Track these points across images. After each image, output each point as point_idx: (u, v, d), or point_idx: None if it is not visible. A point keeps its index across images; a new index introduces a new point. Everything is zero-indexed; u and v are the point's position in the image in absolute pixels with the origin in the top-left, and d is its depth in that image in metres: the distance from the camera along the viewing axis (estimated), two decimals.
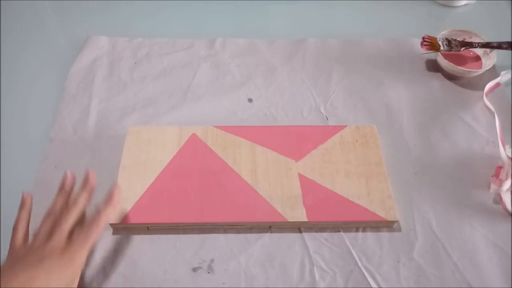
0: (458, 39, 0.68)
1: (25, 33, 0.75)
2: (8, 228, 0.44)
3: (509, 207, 0.53)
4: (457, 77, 0.66)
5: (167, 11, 0.79)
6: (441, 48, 0.66)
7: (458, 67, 0.64)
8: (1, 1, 0.78)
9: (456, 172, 0.56)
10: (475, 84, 0.66)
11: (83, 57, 0.69)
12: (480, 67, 0.67)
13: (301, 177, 0.53)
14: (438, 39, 0.67)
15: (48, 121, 0.61)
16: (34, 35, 0.75)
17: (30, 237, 0.43)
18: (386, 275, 0.48)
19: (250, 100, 0.64)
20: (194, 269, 0.48)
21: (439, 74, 0.68)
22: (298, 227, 0.51)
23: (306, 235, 0.51)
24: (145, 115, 0.62)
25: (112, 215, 0.46)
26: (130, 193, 0.51)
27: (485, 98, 0.63)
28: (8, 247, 0.43)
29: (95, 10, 0.78)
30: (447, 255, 0.49)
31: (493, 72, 0.66)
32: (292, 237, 0.51)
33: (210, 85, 0.66)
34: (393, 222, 0.51)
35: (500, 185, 0.53)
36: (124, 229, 0.50)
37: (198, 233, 0.51)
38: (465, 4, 0.80)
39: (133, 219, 0.50)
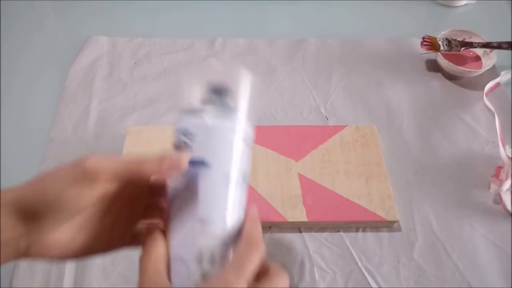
0: (458, 39, 0.68)
1: (25, 33, 0.75)
2: None
3: (509, 207, 0.53)
4: (457, 77, 0.66)
5: (167, 11, 0.79)
6: (441, 48, 0.66)
7: (458, 67, 0.64)
8: (1, 1, 0.78)
9: (456, 172, 0.56)
10: (475, 84, 0.66)
11: (83, 57, 0.69)
12: (480, 67, 0.67)
13: (301, 177, 0.53)
14: (438, 39, 0.67)
15: (48, 121, 0.61)
16: (34, 35, 0.75)
17: None
18: (386, 275, 0.48)
19: None
20: None
21: (439, 74, 0.68)
22: (298, 227, 0.51)
23: (306, 235, 0.51)
24: (145, 115, 0.62)
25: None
26: None
27: (485, 98, 0.63)
28: None
29: (95, 10, 0.78)
30: (447, 255, 0.49)
31: (493, 72, 0.66)
32: (292, 237, 0.51)
33: None
34: (393, 222, 0.51)
35: (500, 185, 0.53)
36: None
37: None
38: (465, 4, 0.80)
39: None
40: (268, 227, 0.51)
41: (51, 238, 0.28)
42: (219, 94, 0.31)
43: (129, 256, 0.49)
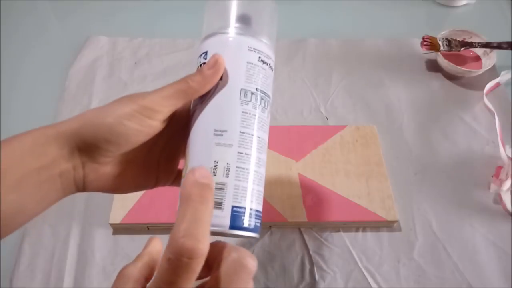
0: (458, 39, 0.68)
1: (26, 33, 0.75)
2: None
3: (509, 207, 0.53)
4: (457, 77, 0.66)
5: (167, 11, 0.79)
6: (441, 48, 0.66)
7: (458, 67, 0.64)
8: (2, 1, 0.78)
9: (456, 172, 0.56)
10: (475, 84, 0.66)
11: (83, 57, 0.69)
12: (480, 67, 0.67)
13: (301, 177, 0.53)
14: (438, 39, 0.67)
15: (48, 121, 0.61)
16: (35, 35, 0.75)
17: None
18: (386, 275, 0.48)
19: None
20: None
21: (439, 74, 0.68)
22: (298, 227, 0.51)
23: (306, 235, 0.51)
24: None
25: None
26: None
27: (485, 98, 0.63)
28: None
29: (95, 10, 0.78)
30: (447, 255, 0.49)
31: (493, 72, 0.66)
32: (292, 237, 0.51)
33: None
34: (393, 222, 0.51)
35: (500, 185, 0.53)
36: (124, 229, 0.50)
37: None
38: (465, 4, 0.80)
39: (133, 219, 0.50)
40: (268, 227, 0.51)
41: (105, 169, 0.29)
42: (241, 21, 0.31)
43: (129, 256, 0.49)
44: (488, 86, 0.64)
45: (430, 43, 0.66)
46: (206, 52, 0.31)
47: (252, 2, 0.32)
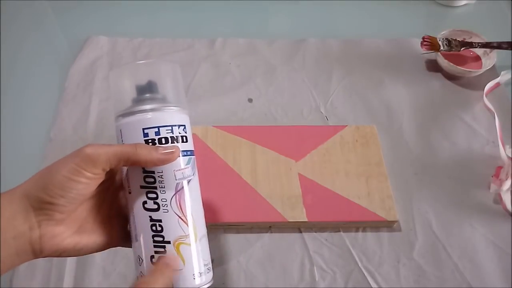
0: (458, 39, 0.68)
1: (25, 33, 0.75)
2: None
3: (509, 207, 0.53)
4: (457, 77, 0.66)
5: (167, 11, 0.79)
6: (441, 48, 0.66)
7: (458, 67, 0.64)
8: (1, 1, 0.78)
9: (456, 172, 0.56)
10: (475, 84, 0.66)
11: (83, 57, 0.69)
12: (480, 67, 0.67)
13: (301, 177, 0.53)
14: (438, 39, 0.67)
15: (48, 121, 0.61)
16: (34, 35, 0.75)
17: None
18: (386, 275, 0.48)
19: (250, 100, 0.64)
20: None
21: (439, 74, 0.68)
22: (298, 227, 0.51)
23: (306, 235, 0.51)
24: None
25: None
26: None
27: (485, 98, 0.63)
28: None
29: (95, 10, 0.78)
30: (447, 255, 0.49)
31: (493, 72, 0.66)
32: (292, 237, 0.51)
33: (210, 85, 0.66)
34: (393, 222, 0.51)
35: (500, 185, 0.53)
36: None
37: None
38: (465, 4, 0.80)
39: None
40: (268, 227, 0.51)
41: (60, 228, 0.30)
42: (148, 90, 0.33)
43: (129, 256, 0.49)
44: (488, 86, 0.64)
45: (430, 43, 0.66)
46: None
47: (156, 72, 0.34)
